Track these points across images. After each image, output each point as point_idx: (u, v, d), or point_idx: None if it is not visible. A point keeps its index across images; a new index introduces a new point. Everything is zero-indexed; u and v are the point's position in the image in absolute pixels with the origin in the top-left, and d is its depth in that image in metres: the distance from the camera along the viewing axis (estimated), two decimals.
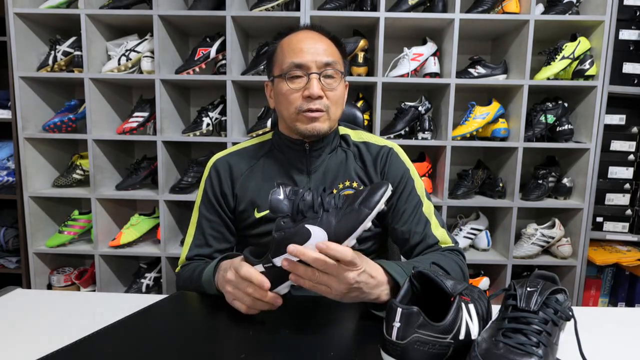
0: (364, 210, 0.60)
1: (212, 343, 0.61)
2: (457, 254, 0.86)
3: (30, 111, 1.80)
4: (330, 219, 0.61)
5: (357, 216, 0.60)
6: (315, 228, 0.61)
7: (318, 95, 0.83)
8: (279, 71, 0.87)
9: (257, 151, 0.97)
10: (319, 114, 0.85)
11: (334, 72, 0.86)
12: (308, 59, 0.83)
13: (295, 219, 0.62)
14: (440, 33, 1.83)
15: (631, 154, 1.83)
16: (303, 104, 0.84)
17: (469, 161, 2.01)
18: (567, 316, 0.54)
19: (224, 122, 1.83)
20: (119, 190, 1.85)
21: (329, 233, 0.60)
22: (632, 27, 1.74)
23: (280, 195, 0.63)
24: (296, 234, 0.61)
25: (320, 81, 0.84)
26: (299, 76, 0.84)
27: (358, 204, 0.61)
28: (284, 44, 0.88)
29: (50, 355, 0.57)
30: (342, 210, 0.61)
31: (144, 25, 1.76)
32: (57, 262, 1.98)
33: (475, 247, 1.93)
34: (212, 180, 0.94)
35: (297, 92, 0.85)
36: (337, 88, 0.87)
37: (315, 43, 0.86)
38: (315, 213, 0.61)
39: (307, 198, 0.62)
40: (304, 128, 0.86)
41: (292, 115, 0.86)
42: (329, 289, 0.62)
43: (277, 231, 0.62)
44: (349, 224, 0.60)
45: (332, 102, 0.86)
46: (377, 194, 0.62)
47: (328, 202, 0.62)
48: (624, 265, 1.83)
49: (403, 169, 0.93)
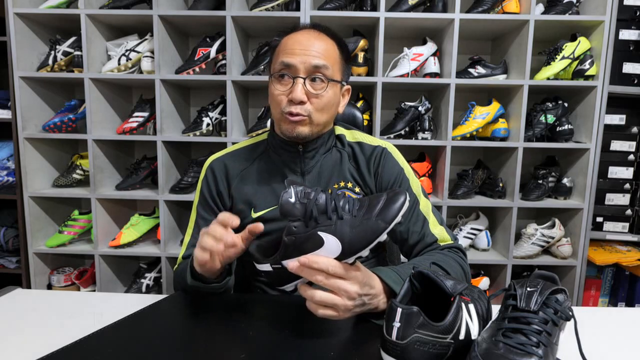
0: (381, 224, 0.57)
1: (212, 343, 0.61)
2: (457, 252, 0.85)
3: (30, 111, 1.80)
4: (344, 228, 0.58)
5: (373, 229, 0.57)
6: (328, 237, 0.58)
7: (300, 100, 0.81)
8: (272, 70, 0.87)
9: (252, 152, 0.97)
10: (298, 118, 0.83)
11: (322, 77, 0.83)
12: (297, 61, 0.82)
13: (307, 223, 0.59)
14: (440, 33, 1.83)
15: (631, 154, 1.83)
16: (286, 106, 0.83)
17: (469, 161, 2.01)
18: (567, 316, 0.54)
19: (224, 122, 1.83)
20: (119, 190, 1.85)
21: (343, 243, 0.58)
22: (632, 27, 1.74)
23: (292, 197, 0.60)
24: (308, 241, 0.58)
25: (306, 85, 0.82)
26: (288, 76, 0.83)
27: (375, 216, 0.58)
28: (282, 42, 0.87)
29: (50, 355, 0.57)
30: (358, 219, 0.58)
31: (144, 25, 1.76)
32: (57, 262, 1.98)
33: (475, 247, 1.93)
34: (208, 180, 0.94)
35: (282, 93, 0.84)
36: (323, 95, 0.84)
37: (310, 44, 0.83)
38: (329, 219, 0.58)
39: (320, 202, 0.59)
40: (285, 129, 0.86)
41: (277, 115, 0.86)
42: (336, 312, 0.61)
43: (288, 235, 0.59)
44: (364, 236, 0.58)
45: (315, 108, 0.84)
46: (396, 206, 0.58)
47: (342, 206, 0.59)
48: (624, 265, 1.83)
49: (397, 168, 0.92)
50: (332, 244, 0.58)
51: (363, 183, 0.92)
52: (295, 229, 0.59)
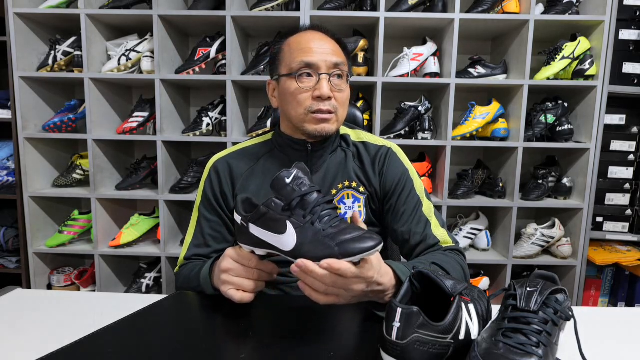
0: (335, 251, 0.57)
1: (212, 343, 0.61)
2: (458, 254, 0.85)
3: (30, 111, 1.80)
4: (308, 232, 0.59)
5: (327, 250, 0.58)
6: (291, 230, 0.60)
7: (328, 95, 0.83)
8: (288, 70, 0.86)
9: (257, 151, 0.96)
10: (329, 115, 0.85)
11: (343, 73, 0.86)
12: (318, 59, 0.83)
13: (284, 208, 0.61)
14: (440, 33, 1.83)
15: (631, 154, 1.83)
16: (313, 104, 0.84)
17: (469, 161, 2.01)
18: (567, 316, 0.54)
19: (224, 122, 1.83)
20: (119, 190, 1.85)
21: (297, 245, 0.59)
22: (632, 27, 1.74)
23: (289, 179, 0.62)
24: (274, 221, 0.61)
25: (330, 82, 0.84)
26: (309, 75, 0.84)
27: (337, 242, 0.58)
28: (292, 42, 0.87)
29: (50, 355, 0.57)
30: (324, 234, 0.59)
31: (144, 25, 1.76)
32: (57, 262, 1.98)
33: (475, 247, 1.93)
34: (212, 180, 0.94)
35: (306, 91, 0.84)
36: (344, 89, 0.87)
37: (324, 43, 0.86)
38: (303, 217, 0.60)
39: (306, 198, 0.61)
40: (312, 129, 0.85)
41: (300, 115, 0.86)
42: (338, 298, 0.61)
43: (265, 206, 0.63)
44: (316, 251, 0.58)
45: (340, 104, 0.86)
46: (361, 246, 0.57)
47: (322, 215, 0.61)
48: (624, 265, 1.83)
49: (402, 169, 0.92)
50: (289, 239, 0.60)
51: (368, 182, 0.92)
52: (273, 205, 0.62)
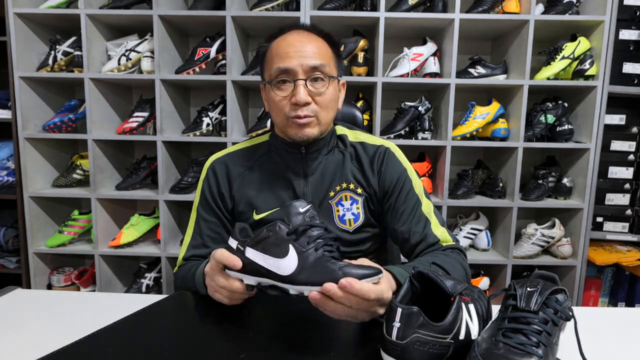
0: (339, 275, 0.57)
1: (212, 343, 0.61)
2: (459, 253, 0.85)
3: (30, 111, 1.80)
4: (310, 257, 0.60)
5: (330, 276, 0.58)
6: (293, 254, 0.60)
7: (305, 102, 0.81)
8: (268, 76, 0.86)
9: (254, 152, 0.96)
10: (307, 119, 0.83)
11: (322, 76, 0.83)
12: (294, 64, 0.81)
13: (290, 233, 0.62)
14: (440, 33, 1.83)
15: (631, 154, 1.83)
16: (291, 110, 0.83)
17: (469, 161, 2.01)
18: (567, 316, 0.54)
19: (224, 122, 1.83)
20: (119, 190, 1.85)
21: (298, 268, 0.60)
22: (632, 27, 1.74)
23: (302, 209, 0.64)
24: (276, 246, 0.61)
25: (307, 87, 0.82)
26: (287, 81, 0.83)
27: (340, 267, 0.58)
28: (272, 47, 0.86)
29: (50, 355, 0.57)
30: (324, 259, 0.60)
31: (144, 25, 1.76)
32: (57, 262, 1.98)
33: (475, 247, 1.93)
34: (209, 181, 0.94)
35: (284, 99, 0.83)
36: (325, 92, 0.84)
37: (303, 46, 0.83)
38: (307, 244, 0.61)
39: (314, 231, 0.62)
40: (294, 134, 0.85)
41: (282, 121, 0.86)
42: (355, 318, 0.61)
43: (269, 230, 0.63)
44: (319, 274, 0.59)
45: (321, 107, 0.84)
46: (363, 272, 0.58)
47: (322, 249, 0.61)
48: (624, 265, 1.83)
49: (400, 168, 0.92)
50: (290, 263, 0.60)
51: (366, 183, 0.91)
52: (277, 229, 0.63)
